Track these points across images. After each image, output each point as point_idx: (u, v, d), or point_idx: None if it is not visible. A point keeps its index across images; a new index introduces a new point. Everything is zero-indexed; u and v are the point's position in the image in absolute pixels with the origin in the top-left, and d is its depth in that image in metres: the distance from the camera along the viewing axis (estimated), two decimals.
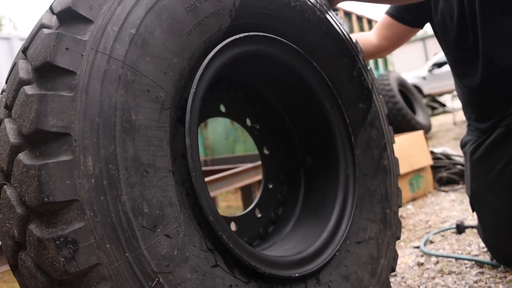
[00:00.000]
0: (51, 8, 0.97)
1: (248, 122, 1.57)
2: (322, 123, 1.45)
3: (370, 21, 7.31)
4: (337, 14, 1.54)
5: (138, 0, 0.98)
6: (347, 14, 6.64)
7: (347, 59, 1.50)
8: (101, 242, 0.83)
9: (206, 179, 2.74)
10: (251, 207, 1.50)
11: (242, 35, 1.18)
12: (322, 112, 1.43)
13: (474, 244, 2.04)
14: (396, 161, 1.63)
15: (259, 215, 1.51)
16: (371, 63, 7.23)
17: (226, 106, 1.49)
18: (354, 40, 1.56)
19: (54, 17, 0.94)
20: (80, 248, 0.81)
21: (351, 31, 6.72)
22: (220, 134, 4.96)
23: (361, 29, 7.03)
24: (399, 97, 5.87)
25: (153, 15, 0.99)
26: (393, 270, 1.50)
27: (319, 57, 1.42)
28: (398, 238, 1.57)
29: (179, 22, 1.04)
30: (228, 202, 4.24)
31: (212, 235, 1.03)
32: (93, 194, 0.83)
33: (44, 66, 0.85)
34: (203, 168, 3.82)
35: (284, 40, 1.30)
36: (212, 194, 2.86)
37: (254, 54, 1.25)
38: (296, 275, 1.16)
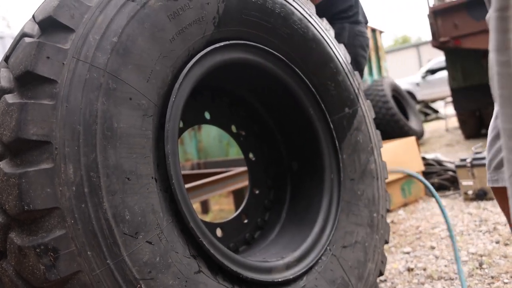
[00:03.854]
0: (33, 17, 0.97)
1: (234, 128, 1.57)
2: (307, 129, 1.46)
3: (374, 31, 7.34)
4: (322, 20, 1.56)
5: (120, 9, 0.99)
6: None
7: (332, 64, 1.51)
8: (82, 250, 0.83)
9: (199, 182, 2.74)
10: (237, 212, 1.51)
11: (222, 43, 1.19)
12: (306, 118, 1.44)
13: (463, 250, 2.06)
14: (383, 165, 1.64)
15: (246, 221, 1.52)
16: (365, 69, 7.24)
17: (210, 113, 1.49)
18: (339, 45, 1.58)
19: (36, 26, 0.94)
20: (60, 256, 0.81)
21: None
22: (213, 137, 4.97)
23: None
24: (392, 103, 5.89)
25: (135, 23, 1.00)
26: (381, 273, 1.50)
27: (303, 63, 1.43)
28: (387, 241, 1.58)
29: (161, 29, 1.05)
30: (220, 205, 4.23)
31: (195, 242, 1.04)
32: (74, 201, 0.84)
33: (25, 75, 0.86)
34: (196, 171, 3.82)
35: (266, 48, 1.31)
36: (204, 197, 2.85)
37: (235, 62, 1.26)
38: (279, 279, 1.16)
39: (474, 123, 6.19)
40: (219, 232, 1.43)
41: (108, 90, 0.92)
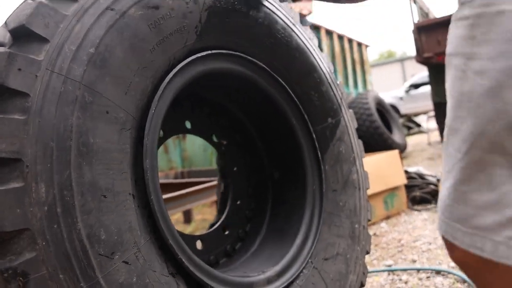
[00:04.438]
0: (6, 24, 0.93)
1: (215, 138, 1.54)
2: (289, 139, 1.44)
3: (351, 41, 7.39)
4: (306, 29, 1.54)
5: (98, 18, 0.95)
6: (328, 33, 6.66)
7: (315, 74, 1.49)
8: (54, 273, 0.79)
9: (182, 191, 2.69)
10: (217, 224, 1.48)
11: (204, 53, 1.17)
12: (289, 128, 1.43)
13: (444, 264, 2.07)
14: (365, 175, 1.64)
15: (226, 232, 1.49)
16: (350, 82, 7.30)
17: (191, 123, 1.46)
18: (323, 55, 1.56)
19: (8, 34, 0.90)
20: (30, 280, 0.77)
21: (332, 50, 6.75)
22: (198, 146, 4.90)
23: (342, 48, 7.08)
24: (376, 116, 5.91)
25: (114, 33, 0.96)
26: (363, 285, 1.50)
27: (286, 72, 1.41)
28: (368, 252, 1.58)
29: (141, 39, 1.02)
30: (203, 215, 4.18)
31: (173, 259, 1.00)
32: (46, 222, 0.80)
33: None
34: (180, 181, 3.77)
35: (248, 57, 1.29)
36: (188, 206, 2.81)
37: (217, 72, 1.23)
38: None
39: None
40: (199, 245, 1.39)
41: (84, 104, 0.88)
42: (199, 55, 1.16)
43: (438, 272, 1.99)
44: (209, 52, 1.19)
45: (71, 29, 0.91)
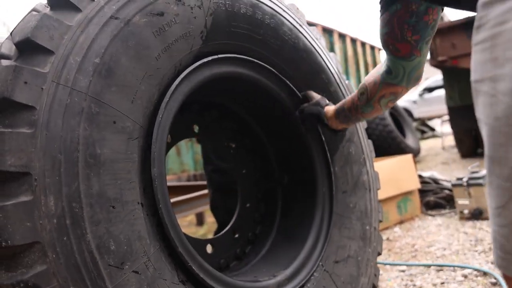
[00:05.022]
0: (11, 36, 0.93)
1: (223, 141, 1.54)
2: (298, 141, 1.43)
3: (364, 44, 7.32)
4: (313, 29, 1.52)
5: (102, 28, 0.95)
6: (341, 36, 6.58)
7: (323, 74, 1.48)
8: (65, 285, 0.80)
9: (195, 194, 2.69)
10: (227, 227, 1.48)
11: (210, 58, 1.16)
12: (297, 131, 1.41)
13: (459, 270, 2.03)
14: (376, 176, 1.62)
15: (236, 236, 1.48)
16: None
17: (200, 127, 1.46)
18: (330, 55, 1.54)
19: (14, 47, 0.90)
20: None
21: (345, 53, 6.67)
22: None
23: (355, 51, 7.00)
24: (389, 120, 5.82)
25: (118, 43, 0.96)
26: (375, 287, 1.49)
27: (294, 74, 1.40)
28: (379, 254, 1.56)
29: (146, 47, 1.01)
30: None
31: (183, 267, 1.00)
32: (56, 235, 0.80)
33: (1, 102, 0.81)
34: (192, 183, 3.77)
35: (255, 60, 1.28)
36: (200, 209, 2.81)
37: (224, 76, 1.22)
38: None
39: (470, 142, 6.17)
40: (209, 249, 1.39)
41: (91, 115, 0.89)
42: (205, 60, 1.16)
43: (463, 269, 1.95)
44: (216, 56, 1.18)
45: (76, 40, 0.91)
